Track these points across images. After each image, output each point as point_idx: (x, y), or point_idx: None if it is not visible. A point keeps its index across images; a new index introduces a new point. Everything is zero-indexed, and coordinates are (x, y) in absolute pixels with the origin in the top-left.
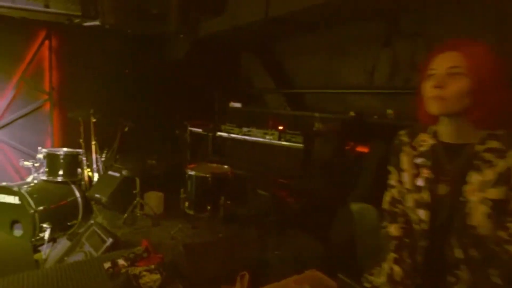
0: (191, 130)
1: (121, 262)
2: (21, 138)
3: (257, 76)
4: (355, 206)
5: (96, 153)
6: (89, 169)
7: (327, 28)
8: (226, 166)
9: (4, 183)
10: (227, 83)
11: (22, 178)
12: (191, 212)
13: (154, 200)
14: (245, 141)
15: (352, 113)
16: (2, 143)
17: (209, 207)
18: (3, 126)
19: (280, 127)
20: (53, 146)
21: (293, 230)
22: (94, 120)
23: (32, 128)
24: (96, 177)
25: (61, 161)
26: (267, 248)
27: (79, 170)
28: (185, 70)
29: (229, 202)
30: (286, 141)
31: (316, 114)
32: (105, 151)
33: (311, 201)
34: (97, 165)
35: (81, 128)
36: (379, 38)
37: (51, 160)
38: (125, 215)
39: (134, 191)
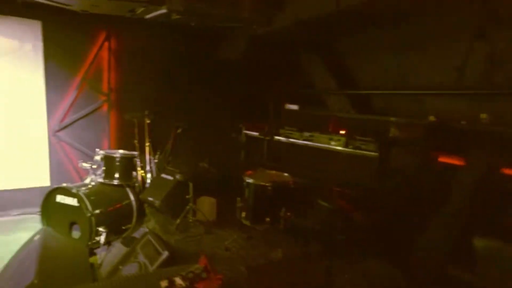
0: (246, 133)
1: (178, 281)
2: (81, 138)
3: (317, 75)
4: (481, 242)
5: (149, 154)
6: (142, 171)
7: (402, 21)
8: (286, 174)
9: (64, 184)
10: (283, 84)
11: (81, 178)
12: (248, 223)
13: (206, 205)
14: (305, 146)
15: (432, 118)
16: (65, 143)
17: (268, 219)
18: (66, 126)
19: (342, 131)
20: (109, 147)
21: (363, 250)
22: (148, 121)
23: (91, 129)
24: (149, 178)
25: (117, 164)
26: (334, 271)
27: (134, 173)
28: (240, 69)
29: (289, 214)
30: (355, 148)
31: (392, 119)
32: (158, 153)
33: (384, 218)
34: (150, 167)
35: (135, 129)
36: (469, 29)
37: (108, 163)
38: (178, 220)
39: (187, 196)
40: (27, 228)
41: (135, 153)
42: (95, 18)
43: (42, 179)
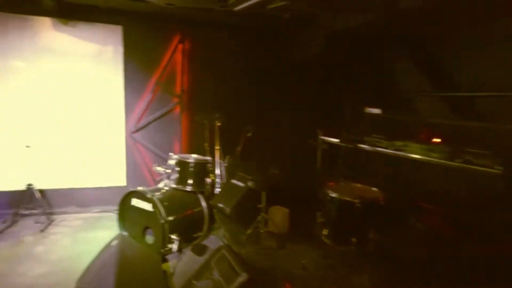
0: (322, 139)
1: None
2: (154, 140)
3: (404, 75)
4: None
5: (219, 158)
6: (212, 175)
7: None
8: (375, 189)
9: (139, 188)
10: (362, 85)
11: (154, 179)
12: (329, 242)
13: (279, 216)
14: (395, 157)
15: None
16: (140, 144)
17: (354, 240)
18: (141, 128)
19: (436, 140)
20: (181, 150)
21: None
22: (218, 124)
23: (164, 131)
24: (218, 183)
25: (191, 169)
26: None
27: (207, 180)
28: (315, 70)
29: (379, 235)
30: (465, 162)
31: None
32: (227, 157)
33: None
34: (220, 171)
35: (206, 132)
36: None
37: (182, 168)
38: (249, 231)
39: (258, 205)
40: (105, 227)
41: (209, 158)
42: (170, 21)
43: (119, 179)
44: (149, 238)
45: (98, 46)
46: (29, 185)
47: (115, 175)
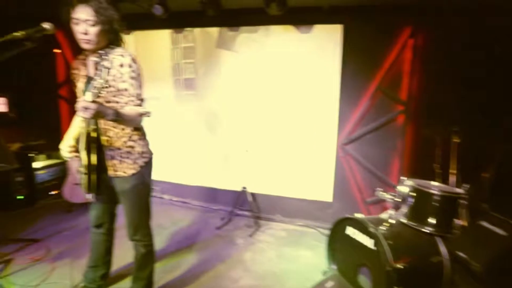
0: None
1: None
2: (369, 155)
3: None
4: None
5: (456, 186)
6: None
7: None
8: None
9: (358, 215)
10: None
11: (364, 200)
12: None
13: None
14: None
15: None
16: (351, 158)
17: None
18: (354, 140)
19: None
20: (401, 169)
21: None
22: (456, 140)
23: (381, 145)
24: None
25: (434, 204)
26: None
27: (456, 221)
28: None
29: None
30: None
31: None
32: (468, 186)
33: None
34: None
35: (437, 149)
36: None
37: (420, 200)
38: None
39: None
40: (308, 246)
41: (461, 191)
42: (399, 13)
43: (325, 193)
44: (364, 281)
45: (316, 50)
46: (244, 187)
47: (321, 189)
